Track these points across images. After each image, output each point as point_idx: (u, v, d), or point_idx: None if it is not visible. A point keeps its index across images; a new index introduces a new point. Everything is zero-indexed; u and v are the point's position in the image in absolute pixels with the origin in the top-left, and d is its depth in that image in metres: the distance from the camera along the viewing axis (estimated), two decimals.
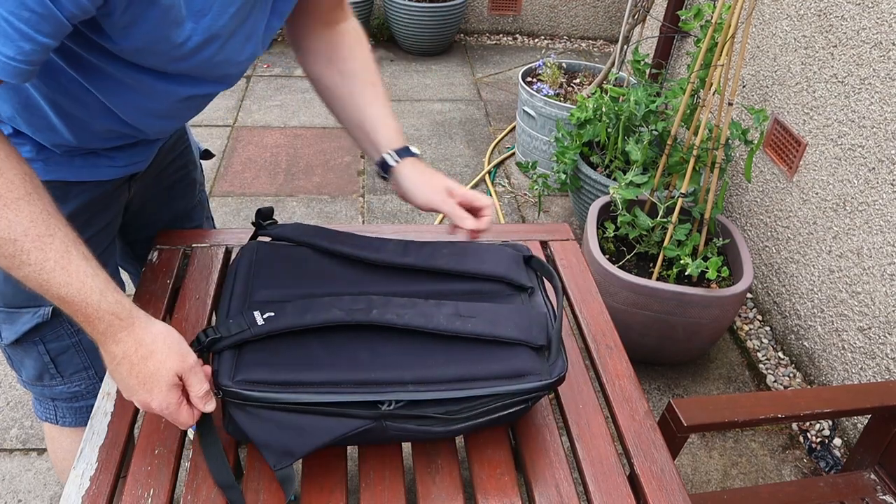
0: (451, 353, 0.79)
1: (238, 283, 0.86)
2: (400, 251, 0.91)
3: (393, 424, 0.78)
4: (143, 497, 0.76)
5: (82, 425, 1.08)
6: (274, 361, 0.75)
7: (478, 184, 2.82)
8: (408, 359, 0.78)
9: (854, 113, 1.77)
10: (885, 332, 1.67)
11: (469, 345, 0.80)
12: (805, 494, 1.22)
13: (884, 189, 1.67)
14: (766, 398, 1.22)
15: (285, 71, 3.64)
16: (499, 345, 0.81)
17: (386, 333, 0.80)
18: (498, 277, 0.90)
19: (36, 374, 1.02)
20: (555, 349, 0.82)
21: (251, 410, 0.75)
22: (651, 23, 3.02)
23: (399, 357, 0.78)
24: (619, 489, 0.81)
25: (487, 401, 0.79)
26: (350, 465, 0.85)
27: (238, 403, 0.75)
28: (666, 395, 1.92)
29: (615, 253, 1.99)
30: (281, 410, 0.75)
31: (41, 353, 0.99)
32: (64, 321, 0.97)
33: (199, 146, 1.25)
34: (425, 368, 0.77)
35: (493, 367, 0.79)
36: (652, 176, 1.94)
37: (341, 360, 0.77)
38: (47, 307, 0.94)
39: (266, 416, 0.75)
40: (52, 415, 1.10)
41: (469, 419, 0.79)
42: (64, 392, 1.06)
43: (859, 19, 1.74)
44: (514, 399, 0.80)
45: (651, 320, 1.79)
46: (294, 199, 2.65)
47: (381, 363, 0.78)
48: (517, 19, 4.22)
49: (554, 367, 0.81)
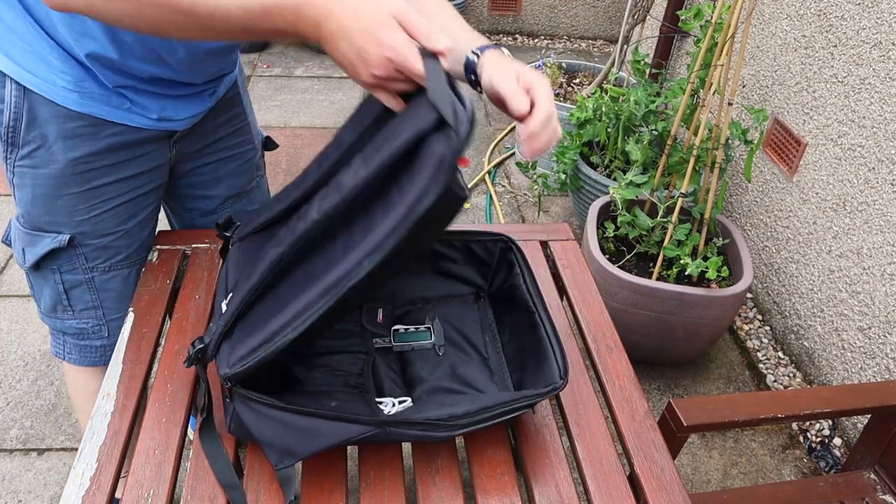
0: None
1: (218, 294, 0.87)
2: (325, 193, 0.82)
3: (396, 430, 0.78)
4: (143, 497, 0.76)
5: (86, 365, 1.17)
6: (254, 330, 0.75)
7: (478, 184, 2.82)
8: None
9: (854, 113, 1.77)
10: (884, 332, 1.67)
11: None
12: (805, 494, 1.22)
13: (884, 189, 1.67)
14: (766, 398, 1.22)
15: (285, 71, 3.64)
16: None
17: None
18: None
19: (51, 304, 1.09)
20: (560, 357, 0.83)
21: (256, 408, 0.75)
22: (651, 23, 3.02)
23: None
24: (619, 489, 0.81)
25: (492, 408, 0.79)
26: (350, 465, 0.85)
27: (244, 400, 0.75)
28: (666, 395, 1.92)
29: (615, 253, 1.99)
30: (287, 411, 0.74)
31: (57, 283, 1.06)
32: (80, 255, 1.03)
33: (262, 134, 1.29)
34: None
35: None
36: (652, 176, 1.94)
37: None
38: (65, 235, 1.00)
39: (271, 414, 0.75)
40: (61, 350, 1.17)
41: (471, 424, 0.79)
42: (73, 327, 1.12)
43: (859, 19, 1.74)
44: (519, 405, 0.80)
45: (651, 320, 1.79)
46: None
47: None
48: (517, 19, 4.22)
49: (553, 373, 0.82)
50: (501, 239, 1.01)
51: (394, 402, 0.83)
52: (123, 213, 1.03)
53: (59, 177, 0.95)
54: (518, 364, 0.93)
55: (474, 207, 2.68)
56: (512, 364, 0.94)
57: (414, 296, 1.02)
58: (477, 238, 1.01)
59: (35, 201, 0.98)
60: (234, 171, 1.21)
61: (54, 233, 1.00)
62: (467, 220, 2.60)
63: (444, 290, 1.03)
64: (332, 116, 3.24)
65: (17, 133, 0.92)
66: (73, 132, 0.92)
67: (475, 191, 2.79)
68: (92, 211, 1.00)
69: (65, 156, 0.93)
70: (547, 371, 0.85)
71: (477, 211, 2.66)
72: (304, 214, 0.76)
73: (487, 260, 1.03)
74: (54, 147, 0.92)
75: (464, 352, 0.96)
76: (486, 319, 1.01)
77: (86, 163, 0.95)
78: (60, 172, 0.95)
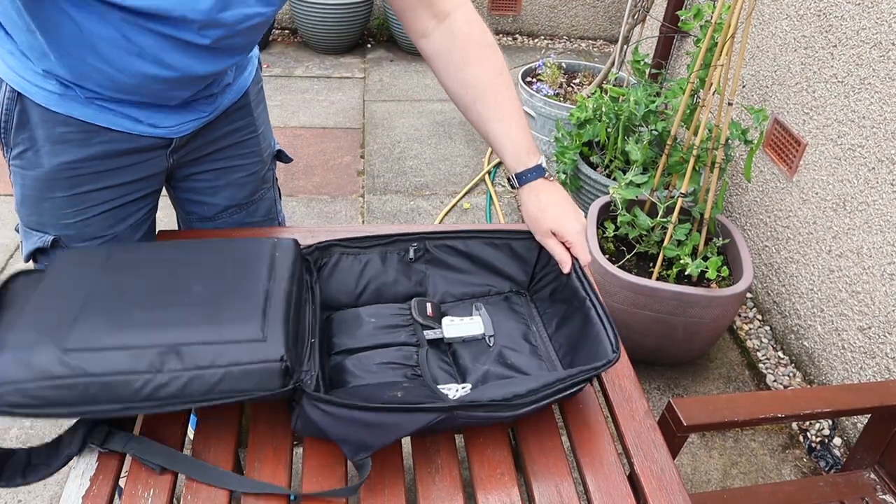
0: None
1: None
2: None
3: (464, 413, 0.79)
4: (143, 497, 0.76)
5: None
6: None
7: (478, 184, 2.82)
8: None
9: (854, 113, 1.77)
10: (884, 332, 1.67)
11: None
12: (805, 494, 1.22)
13: (883, 189, 1.67)
14: (766, 398, 1.22)
15: (285, 71, 3.64)
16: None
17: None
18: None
19: None
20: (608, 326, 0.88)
21: (326, 408, 0.75)
22: (651, 23, 3.02)
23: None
24: (619, 489, 0.81)
25: (553, 384, 0.81)
26: (350, 465, 0.85)
27: (312, 402, 0.74)
28: (666, 395, 1.92)
29: (615, 253, 1.99)
30: (358, 409, 0.74)
31: None
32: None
33: (275, 146, 1.25)
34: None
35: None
36: (652, 176, 1.94)
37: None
38: (50, 236, 0.99)
39: (342, 414, 0.74)
40: None
41: (534, 402, 0.80)
42: None
43: (859, 19, 1.74)
44: (577, 380, 0.82)
45: (651, 320, 1.79)
46: (294, 199, 2.65)
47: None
48: (517, 19, 4.22)
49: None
50: None
51: (456, 388, 0.85)
52: (110, 218, 1.02)
53: (44, 180, 0.94)
54: (569, 348, 0.95)
55: (474, 207, 2.68)
56: (562, 350, 0.96)
57: (458, 291, 1.05)
58: (517, 236, 1.04)
59: (24, 201, 0.98)
60: (235, 181, 1.17)
61: (40, 232, 1.00)
62: (467, 219, 2.60)
63: (488, 286, 1.06)
64: (331, 116, 3.24)
65: (8, 134, 0.92)
66: (61, 137, 0.91)
67: (475, 191, 2.79)
68: (78, 215, 0.99)
69: (50, 160, 0.92)
70: (599, 348, 0.87)
71: (477, 211, 2.66)
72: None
73: (528, 257, 1.05)
74: (42, 150, 0.92)
75: (513, 342, 0.98)
76: (530, 314, 1.03)
77: (72, 168, 0.94)
78: (46, 176, 0.94)
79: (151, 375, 0.70)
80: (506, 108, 0.95)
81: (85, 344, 0.70)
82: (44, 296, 0.77)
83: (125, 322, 0.73)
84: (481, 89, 0.94)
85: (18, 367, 0.68)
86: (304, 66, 3.72)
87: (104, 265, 0.82)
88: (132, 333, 0.72)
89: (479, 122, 0.96)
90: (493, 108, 0.94)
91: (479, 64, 0.95)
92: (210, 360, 0.71)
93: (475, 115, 0.96)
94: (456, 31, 0.95)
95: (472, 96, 0.95)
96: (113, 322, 0.73)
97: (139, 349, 0.70)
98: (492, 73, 0.95)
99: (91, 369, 0.69)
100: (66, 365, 0.69)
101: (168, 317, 0.75)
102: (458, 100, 0.98)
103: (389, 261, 1.02)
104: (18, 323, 0.73)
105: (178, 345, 0.71)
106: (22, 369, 0.68)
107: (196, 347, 0.71)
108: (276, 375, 0.72)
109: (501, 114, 0.94)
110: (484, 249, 1.04)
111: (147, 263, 0.84)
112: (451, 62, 0.95)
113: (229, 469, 0.80)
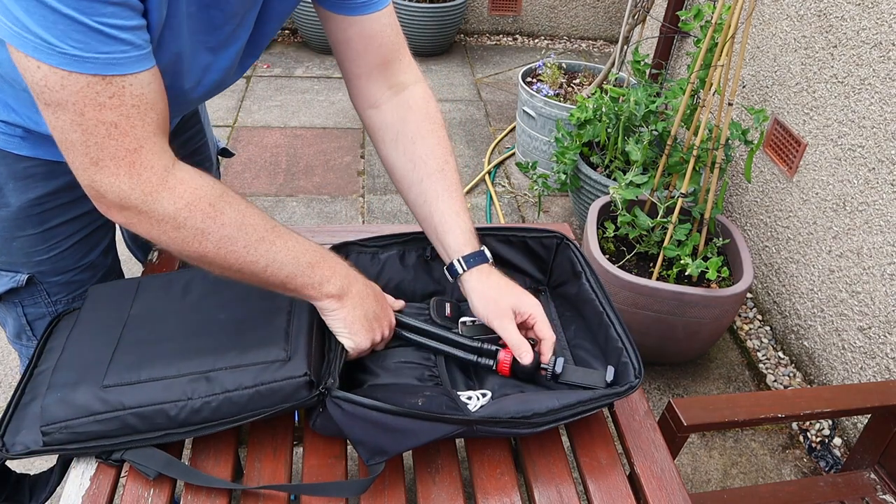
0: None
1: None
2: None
3: (483, 428, 0.79)
4: (143, 497, 0.76)
5: None
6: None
7: (478, 184, 2.82)
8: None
9: (854, 113, 1.77)
10: (884, 332, 1.67)
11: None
12: (805, 494, 1.22)
13: (884, 189, 1.67)
14: (766, 398, 1.22)
15: (285, 71, 3.64)
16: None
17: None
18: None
19: (15, 332, 1.06)
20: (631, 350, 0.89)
21: (347, 407, 0.75)
22: (651, 23, 3.02)
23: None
24: (619, 489, 0.81)
25: (574, 406, 0.81)
26: (350, 465, 0.85)
27: (334, 400, 0.76)
28: (666, 395, 1.92)
29: (615, 253, 1.99)
30: (379, 411, 0.75)
31: (19, 315, 1.02)
32: (42, 291, 1.00)
33: (219, 144, 1.25)
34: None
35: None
36: (652, 176, 1.94)
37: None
38: (23, 275, 0.96)
39: (362, 414, 0.75)
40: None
41: (553, 421, 0.81)
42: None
43: (859, 20, 1.74)
44: (598, 404, 0.82)
45: (651, 320, 1.79)
46: (294, 200, 2.65)
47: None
48: (517, 20, 4.22)
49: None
50: (556, 235, 1.04)
51: (477, 395, 0.85)
52: (82, 247, 1.00)
53: (12, 219, 0.91)
54: (588, 363, 0.94)
55: (474, 207, 2.68)
56: (581, 363, 0.95)
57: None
58: (532, 234, 1.04)
59: None
60: None
61: (11, 272, 0.96)
62: None
63: None
64: (332, 116, 3.24)
65: None
66: (24, 172, 0.88)
67: (475, 191, 2.79)
68: (51, 251, 0.96)
69: (17, 198, 0.90)
70: (622, 370, 0.87)
71: (477, 211, 2.66)
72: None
73: (544, 256, 1.05)
74: (6, 189, 0.89)
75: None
76: (549, 313, 1.01)
77: (40, 204, 0.91)
78: (14, 215, 0.91)
79: (185, 402, 0.75)
80: (455, 189, 0.91)
81: (120, 379, 0.76)
82: (81, 335, 0.84)
83: (156, 355, 0.79)
84: (433, 167, 0.91)
85: (63, 408, 0.74)
86: (305, 66, 3.72)
87: (134, 299, 0.88)
88: (163, 365, 0.77)
89: (424, 199, 0.92)
90: (443, 187, 0.91)
91: (432, 140, 0.92)
92: (238, 384, 0.75)
93: (420, 192, 0.92)
94: (412, 104, 0.93)
95: (422, 173, 0.91)
96: (145, 356, 0.79)
97: (171, 379, 0.75)
98: (445, 151, 0.93)
99: (128, 402, 0.74)
100: (105, 402, 0.74)
101: (196, 346, 0.80)
102: (404, 175, 0.93)
103: (408, 259, 1.02)
104: (61, 364, 0.80)
105: (206, 371, 0.76)
106: (66, 409, 0.74)
107: (223, 373, 0.76)
108: (303, 388, 0.77)
109: (452, 194, 0.91)
110: (499, 247, 1.04)
111: (173, 297, 0.89)
112: (403, 135, 0.92)
113: (229, 469, 0.80)
